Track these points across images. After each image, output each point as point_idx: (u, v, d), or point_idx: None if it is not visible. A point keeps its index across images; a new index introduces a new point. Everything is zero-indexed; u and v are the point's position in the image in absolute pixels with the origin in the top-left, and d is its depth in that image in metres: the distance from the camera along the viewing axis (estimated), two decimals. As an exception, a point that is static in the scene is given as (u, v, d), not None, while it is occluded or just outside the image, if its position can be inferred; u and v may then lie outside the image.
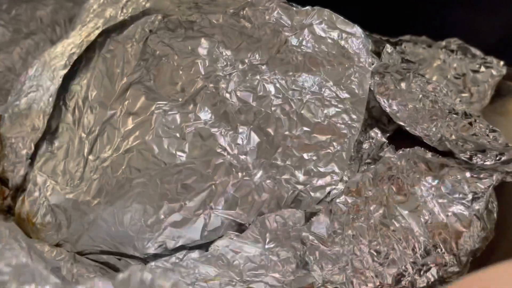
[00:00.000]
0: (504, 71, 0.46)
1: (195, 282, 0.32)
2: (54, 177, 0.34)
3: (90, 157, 0.33)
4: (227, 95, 0.33)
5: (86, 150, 0.34)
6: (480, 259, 0.35)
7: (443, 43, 0.49)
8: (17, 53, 0.48)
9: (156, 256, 0.32)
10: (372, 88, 0.34)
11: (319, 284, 0.32)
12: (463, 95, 0.46)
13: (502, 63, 0.47)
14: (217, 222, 0.31)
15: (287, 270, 0.31)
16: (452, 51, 0.49)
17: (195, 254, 0.31)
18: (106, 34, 0.38)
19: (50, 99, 0.37)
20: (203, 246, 0.31)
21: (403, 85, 0.35)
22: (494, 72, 0.46)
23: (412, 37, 0.50)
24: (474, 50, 0.48)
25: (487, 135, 0.35)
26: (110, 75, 0.35)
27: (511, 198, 0.39)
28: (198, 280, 0.32)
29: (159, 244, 0.31)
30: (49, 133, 0.37)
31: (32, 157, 0.37)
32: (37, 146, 0.37)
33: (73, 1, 0.51)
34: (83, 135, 0.35)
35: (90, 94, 0.35)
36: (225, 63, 0.34)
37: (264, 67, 0.34)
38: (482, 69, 0.47)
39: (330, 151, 0.32)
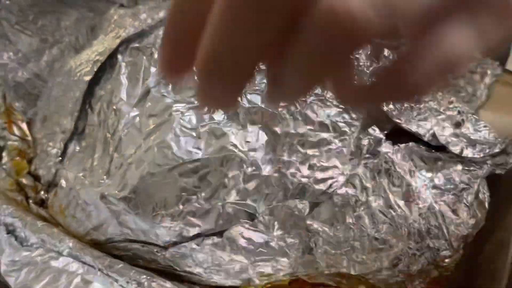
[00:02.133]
0: (499, 71, 0.49)
1: (210, 266, 0.35)
2: (83, 173, 0.38)
3: (115, 154, 0.36)
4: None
5: (111, 149, 0.37)
6: (475, 247, 0.38)
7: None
8: (44, 61, 0.51)
9: (175, 244, 0.35)
10: (370, 89, 0.37)
11: (324, 268, 0.35)
12: (460, 94, 0.48)
13: (497, 63, 0.49)
14: (230, 212, 0.34)
15: (293, 255, 0.34)
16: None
17: (210, 240, 0.34)
18: (127, 42, 0.41)
19: (77, 102, 0.41)
20: (218, 234, 0.34)
21: (399, 86, 0.38)
22: (489, 72, 0.49)
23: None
24: (471, 52, 0.51)
25: (478, 131, 0.38)
26: (132, 81, 0.39)
27: (506, 190, 0.42)
28: (214, 265, 0.35)
29: (179, 232, 0.34)
30: (77, 134, 0.40)
31: (62, 156, 0.40)
32: (66, 146, 0.40)
33: (94, 12, 0.54)
34: (108, 135, 0.38)
35: (114, 98, 0.39)
36: (235, 69, 0.37)
37: (271, 71, 0.37)
38: (478, 69, 0.49)
39: (332, 147, 0.35)
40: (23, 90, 0.48)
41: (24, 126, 0.44)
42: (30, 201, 0.42)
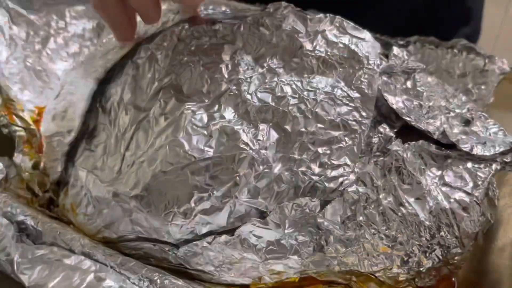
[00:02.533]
0: (507, 69, 0.49)
1: (222, 264, 0.35)
2: (94, 172, 0.38)
3: (127, 153, 0.37)
4: (248, 96, 0.36)
5: (123, 147, 0.37)
6: (484, 244, 0.38)
7: (450, 43, 0.52)
8: (49, 48, 0.50)
9: (187, 242, 0.35)
10: (380, 87, 0.37)
11: (334, 265, 0.35)
12: (469, 92, 0.49)
13: (505, 61, 0.49)
14: (241, 210, 0.34)
15: (304, 253, 0.35)
16: (458, 51, 0.51)
17: (222, 238, 0.34)
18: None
19: (83, 103, 0.41)
20: (229, 232, 0.34)
21: (408, 84, 0.38)
22: (497, 71, 0.49)
23: (421, 37, 0.53)
24: (479, 49, 0.51)
25: (487, 128, 0.38)
26: (142, 80, 0.39)
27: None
28: (225, 263, 0.35)
29: (190, 230, 0.34)
30: (88, 133, 0.41)
31: (72, 155, 0.41)
32: (77, 145, 0.41)
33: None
34: (119, 134, 0.38)
35: (125, 97, 0.39)
36: (246, 67, 0.37)
37: (281, 70, 0.37)
38: (486, 67, 0.49)
39: (343, 146, 0.35)
40: (28, 79, 0.48)
41: (25, 115, 0.44)
42: (36, 204, 0.42)
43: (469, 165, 0.36)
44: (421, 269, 0.35)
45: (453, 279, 0.37)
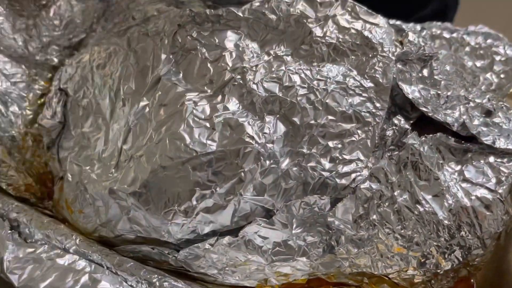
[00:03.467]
0: (527, 57, 0.46)
1: (225, 267, 0.33)
2: (90, 167, 0.36)
3: (125, 147, 0.34)
4: (254, 86, 0.34)
5: (120, 141, 0.35)
6: (504, 243, 0.36)
7: (466, 29, 0.49)
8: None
9: (188, 242, 0.33)
10: (394, 76, 0.35)
11: (346, 267, 0.33)
12: (487, 80, 0.46)
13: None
14: (246, 208, 0.32)
15: (314, 254, 0.32)
16: (476, 37, 0.49)
17: (225, 240, 0.32)
18: (135, 27, 0.39)
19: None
20: (233, 232, 0.32)
21: (425, 72, 0.36)
22: (517, 59, 0.46)
23: (436, 23, 0.51)
24: (498, 36, 0.48)
25: (510, 120, 0.35)
26: (141, 69, 0.37)
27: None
28: (229, 265, 0.33)
29: (192, 229, 0.33)
30: (83, 125, 0.39)
31: (66, 148, 0.39)
32: (71, 137, 0.39)
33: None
34: (117, 126, 0.36)
35: (122, 87, 0.37)
36: (251, 55, 0.35)
37: (289, 58, 0.35)
38: (506, 54, 0.47)
39: (355, 139, 0.33)
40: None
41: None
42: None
43: (491, 159, 0.34)
44: (439, 271, 0.33)
45: (471, 280, 0.35)
